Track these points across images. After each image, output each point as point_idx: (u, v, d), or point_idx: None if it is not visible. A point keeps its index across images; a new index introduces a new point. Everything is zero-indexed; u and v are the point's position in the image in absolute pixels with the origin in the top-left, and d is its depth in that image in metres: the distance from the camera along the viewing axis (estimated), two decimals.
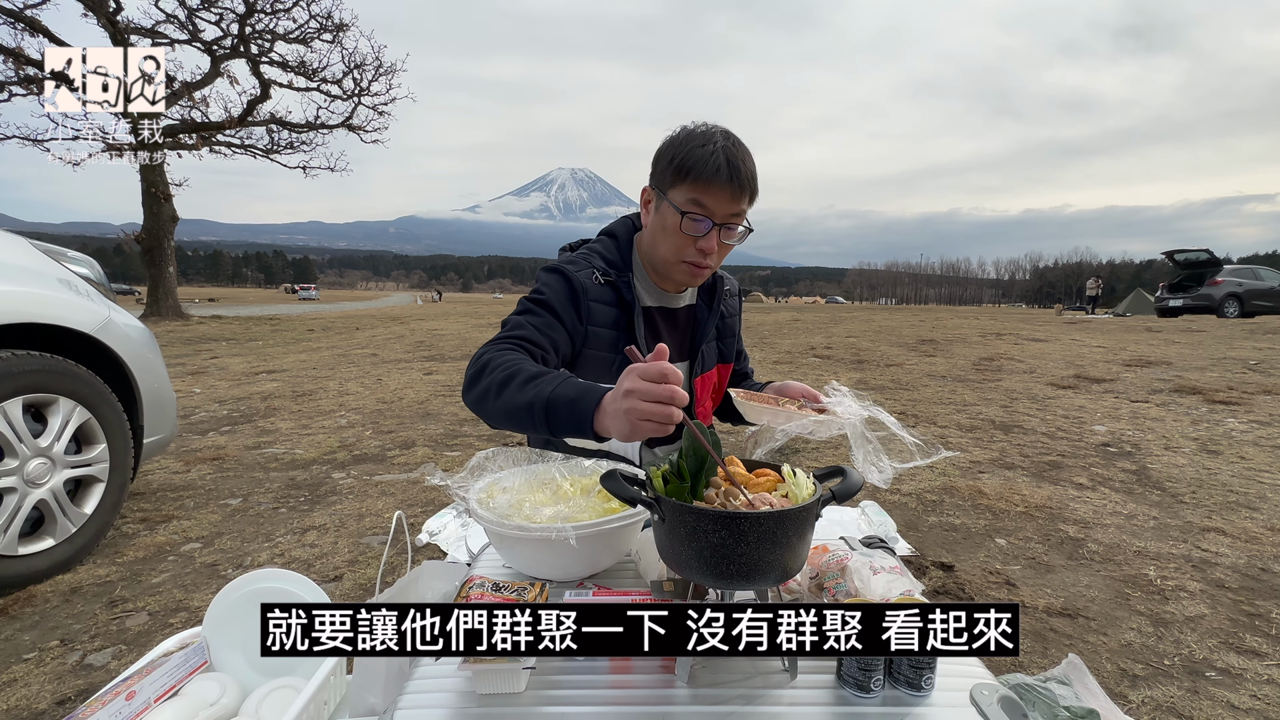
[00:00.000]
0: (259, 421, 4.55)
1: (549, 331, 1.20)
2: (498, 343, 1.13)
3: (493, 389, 1.00)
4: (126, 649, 1.75)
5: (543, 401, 0.92)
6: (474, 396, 1.06)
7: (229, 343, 10.60)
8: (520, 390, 0.96)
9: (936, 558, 2.24)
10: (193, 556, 2.35)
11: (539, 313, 1.22)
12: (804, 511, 0.78)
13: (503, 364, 1.03)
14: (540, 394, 0.93)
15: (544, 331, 1.19)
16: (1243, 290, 14.92)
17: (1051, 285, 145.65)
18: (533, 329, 1.18)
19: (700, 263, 1.23)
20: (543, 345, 1.17)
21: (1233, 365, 6.37)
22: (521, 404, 0.95)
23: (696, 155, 1.16)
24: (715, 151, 1.15)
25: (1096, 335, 9.66)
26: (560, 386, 0.93)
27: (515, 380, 0.98)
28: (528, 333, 1.16)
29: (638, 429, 0.80)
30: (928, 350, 8.07)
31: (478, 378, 1.05)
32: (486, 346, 1.13)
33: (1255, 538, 2.35)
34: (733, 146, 1.17)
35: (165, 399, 2.73)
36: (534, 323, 1.19)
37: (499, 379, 1.00)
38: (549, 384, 0.94)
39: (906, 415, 4.52)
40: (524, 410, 0.95)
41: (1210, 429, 4.01)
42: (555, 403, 0.91)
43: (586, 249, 1.36)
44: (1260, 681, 1.55)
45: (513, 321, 1.20)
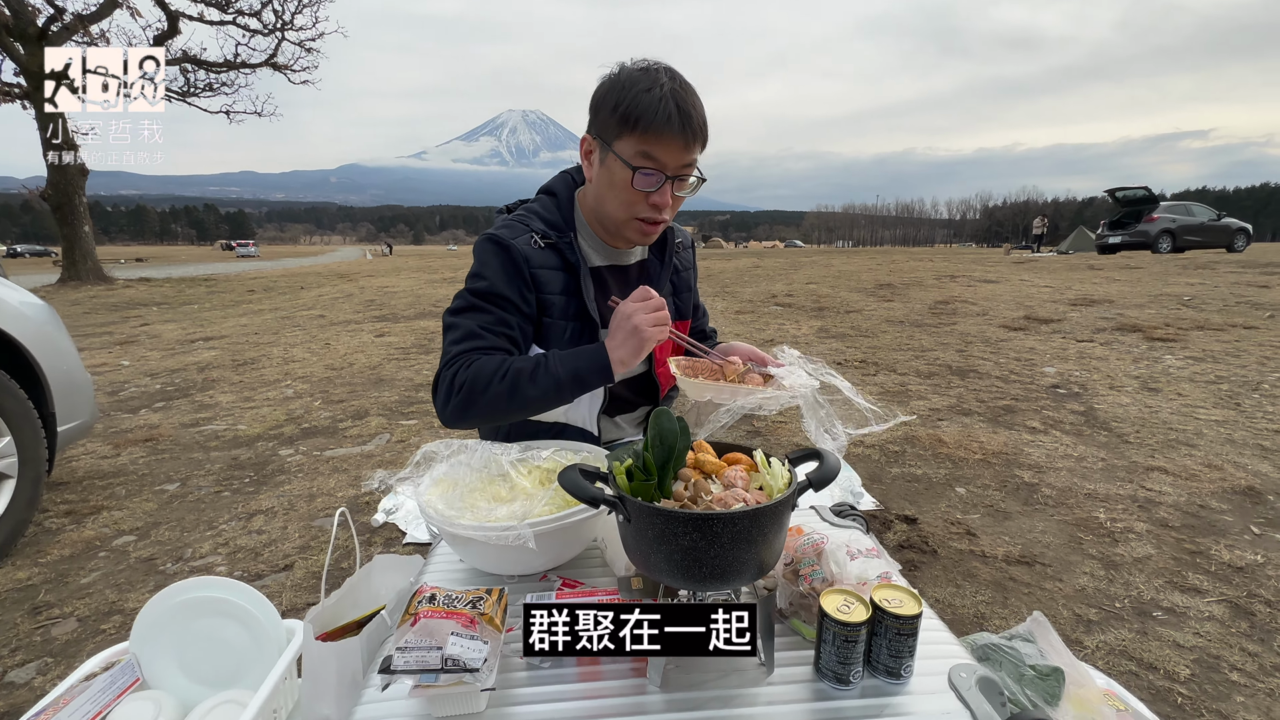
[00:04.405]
0: (196, 395, 4.26)
1: (504, 330, 1.10)
2: (460, 358, 1.05)
3: (502, 399, 1.02)
4: (53, 662, 1.61)
5: (563, 378, 1.02)
6: (478, 411, 1.03)
7: (160, 308, 9.91)
8: (532, 385, 1.01)
9: (900, 510, 2.27)
10: (126, 551, 2.18)
11: (487, 308, 1.10)
12: (779, 507, 0.74)
13: (494, 374, 1.02)
14: (555, 375, 1.02)
15: (500, 332, 1.09)
16: (1175, 226, 15.62)
17: (1000, 224, 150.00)
18: (488, 334, 1.08)
19: (654, 218, 1.12)
20: (503, 348, 1.09)
21: (1169, 302, 6.67)
22: (541, 393, 1.02)
23: (643, 102, 1.02)
24: (663, 97, 1.02)
25: (1043, 275, 9.97)
26: (565, 360, 1.03)
27: (522, 380, 1.01)
28: (484, 341, 1.07)
29: (651, 334, 0.98)
30: (885, 295, 8.18)
31: (471, 398, 1.02)
32: (451, 365, 1.05)
33: (1194, 475, 2.46)
34: (680, 90, 1.04)
35: (78, 381, 2.48)
36: (485, 324, 1.09)
37: (505, 389, 1.01)
38: (556, 363, 1.02)
39: (868, 363, 4.57)
40: (546, 397, 1.02)
41: (1150, 366, 4.19)
42: (577, 372, 1.02)
43: (524, 210, 1.22)
44: (1202, 619, 1.63)
45: (462, 326, 1.08)
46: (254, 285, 13.47)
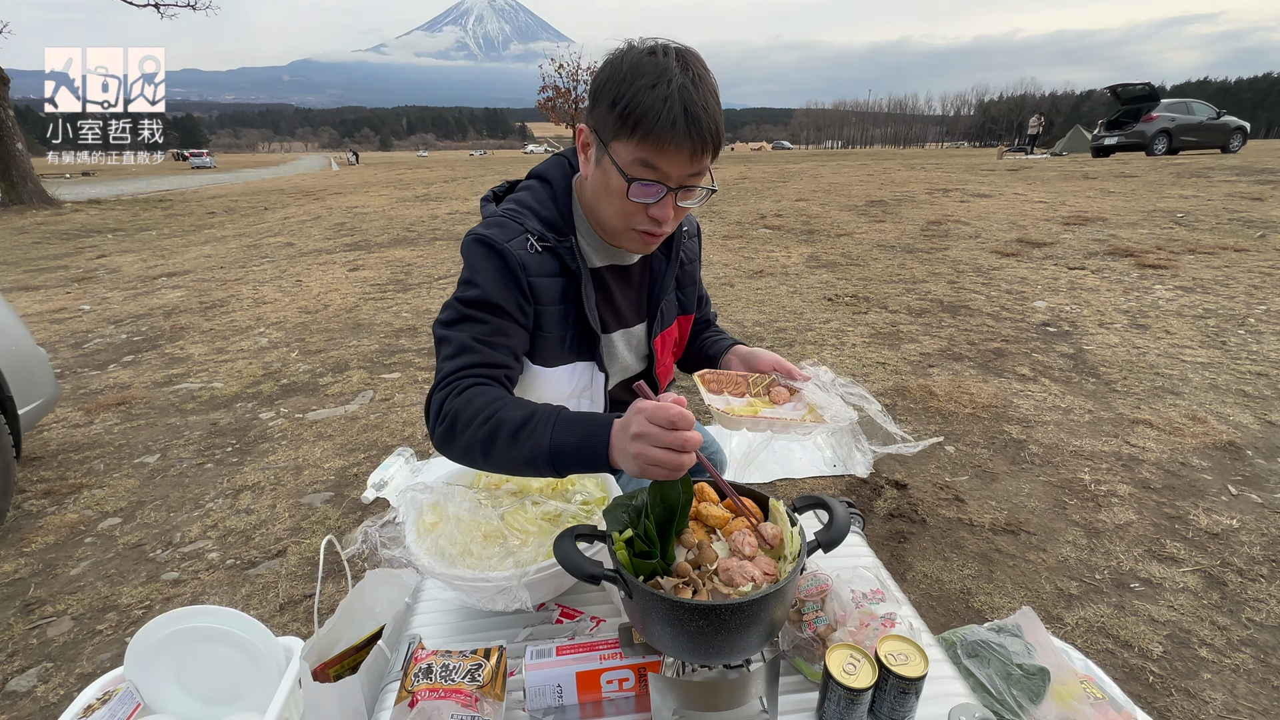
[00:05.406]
0: (165, 347, 4.10)
1: (502, 340, 0.97)
2: (455, 380, 0.92)
3: (477, 448, 0.87)
4: (53, 667, 1.62)
5: (545, 454, 0.83)
6: (456, 453, 0.90)
7: (116, 235, 9.36)
8: (512, 445, 0.85)
9: (890, 474, 2.29)
10: (113, 537, 2.15)
11: (482, 318, 0.96)
12: (789, 585, 0.73)
13: (478, 414, 0.87)
14: (540, 446, 0.83)
15: (497, 344, 0.96)
16: (1173, 126, 15.18)
17: (994, 121, 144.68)
18: (484, 348, 0.95)
19: (654, 231, 0.99)
20: (503, 363, 0.96)
21: (1161, 220, 6.56)
22: (520, 459, 0.85)
23: (645, 102, 0.86)
24: (669, 97, 0.86)
25: (1038, 186, 9.71)
26: (558, 431, 0.83)
27: (502, 434, 0.85)
28: (480, 356, 0.94)
29: (648, 473, 0.76)
30: (877, 215, 7.94)
31: (452, 433, 0.89)
32: (444, 386, 0.92)
33: (1178, 428, 2.50)
34: (691, 85, 0.88)
35: (30, 358, 2.34)
36: (480, 336, 0.95)
37: (482, 437, 0.86)
38: (544, 429, 0.84)
39: (859, 299, 4.49)
40: (524, 465, 0.86)
41: (1140, 299, 4.17)
42: (560, 452, 0.82)
43: (516, 205, 1.06)
44: (1176, 591, 1.70)
45: (455, 340, 0.95)
46: (214, 206, 12.69)
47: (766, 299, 4.60)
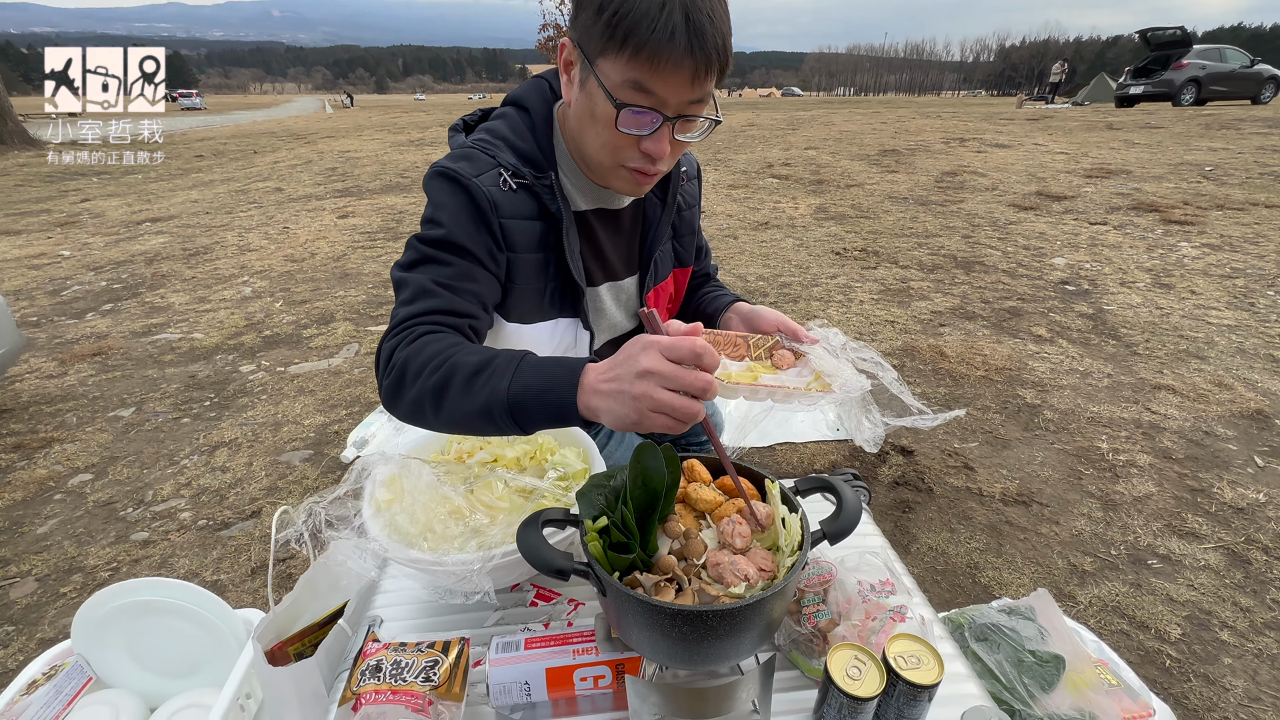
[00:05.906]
0: (146, 295, 3.94)
1: (468, 286, 0.82)
2: (409, 326, 0.77)
3: (427, 398, 0.72)
4: (14, 631, 1.55)
5: (503, 403, 0.67)
6: (404, 409, 0.75)
7: (101, 178, 9.04)
8: (466, 394, 0.70)
9: (896, 440, 2.18)
10: (83, 494, 2.07)
11: (446, 259, 0.81)
12: (789, 585, 0.63)
13: (429, 360, 0.72)
14: (497, 393, 0.68)
15: (462, 289, 0.81)
16: (1204, 74, 14.44)
17: (1014, 68, 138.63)
18: (446, 292, 0.80)
19: (647, 169, 0.83)
20: (468, 311, 0.81)
21: (1189, 173, 6.24)
22: (474, 410, 0.70)
23: (639, 8, 0.69)
24: (667, 2, 0.69)
25: (1059, 137, 9.27)
26: (520, 375, 0.68)
27: (455, 381, 0.70)
28: (441, 301, 0.79)
29: (648, 420, 0.60)
30: (889, 165, 7.59)
31: (400, 386, 0.74)
32: (396, 334, 0.77)
33: (1203, 395, 2.37)
34: None
35: None
36: (443, 279, 0.80)
37: (432, 386, 0.71)
38: (503, 374, 0.68)
39: (868, 253, 4.29)
40: (480, 417, 0.70)
41: (1164, 256, 3.97)
42: (521, 401, 0.67)
43: (489, 134, 0.90)
44: (1197, 568, 1.60)
45: (414, 283, 0.80)
46: (203, 150, 12.26)
47: (771, 252, 4.40)
